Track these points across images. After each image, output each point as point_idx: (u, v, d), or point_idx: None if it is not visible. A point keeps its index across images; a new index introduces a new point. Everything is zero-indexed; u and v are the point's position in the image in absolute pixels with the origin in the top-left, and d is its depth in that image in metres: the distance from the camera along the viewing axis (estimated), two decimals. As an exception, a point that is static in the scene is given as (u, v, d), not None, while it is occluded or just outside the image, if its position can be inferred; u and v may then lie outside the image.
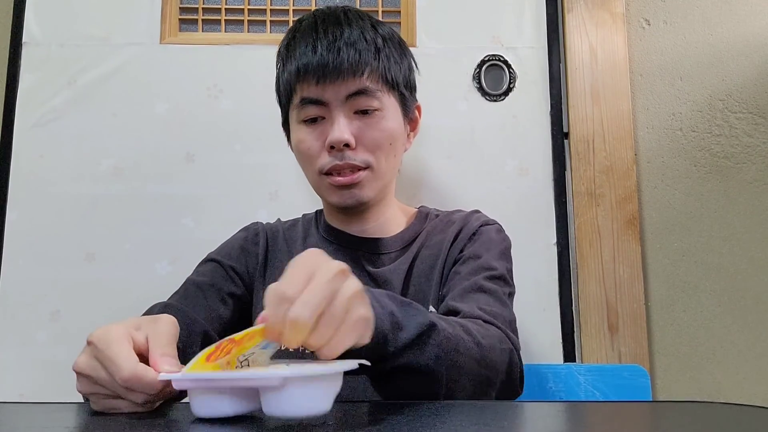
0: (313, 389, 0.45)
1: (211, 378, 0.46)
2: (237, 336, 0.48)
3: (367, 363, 0.50)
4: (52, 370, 1.11)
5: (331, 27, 0.83)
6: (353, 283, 0.50)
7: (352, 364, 0.48)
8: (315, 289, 0.47)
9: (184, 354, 0.78)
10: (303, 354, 0.56)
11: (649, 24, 1.27)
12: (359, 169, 0.84)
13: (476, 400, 0.64)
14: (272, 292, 0.47)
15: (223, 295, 0.87)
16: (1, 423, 0.49)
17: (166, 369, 0.51)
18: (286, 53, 0.87)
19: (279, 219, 1.00)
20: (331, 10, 0.87)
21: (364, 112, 0.84)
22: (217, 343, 0.47)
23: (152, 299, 1.13)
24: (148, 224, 1.16)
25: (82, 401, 0.59)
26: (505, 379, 0.69)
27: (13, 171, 1.17)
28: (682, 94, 1.25)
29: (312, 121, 0.85)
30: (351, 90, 0.82)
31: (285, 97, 0.89)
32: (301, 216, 1.00)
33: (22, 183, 1.16)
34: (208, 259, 0.91)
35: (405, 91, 0.89)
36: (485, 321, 0.74)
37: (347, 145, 0.82)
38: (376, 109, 0.84)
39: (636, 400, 0.93)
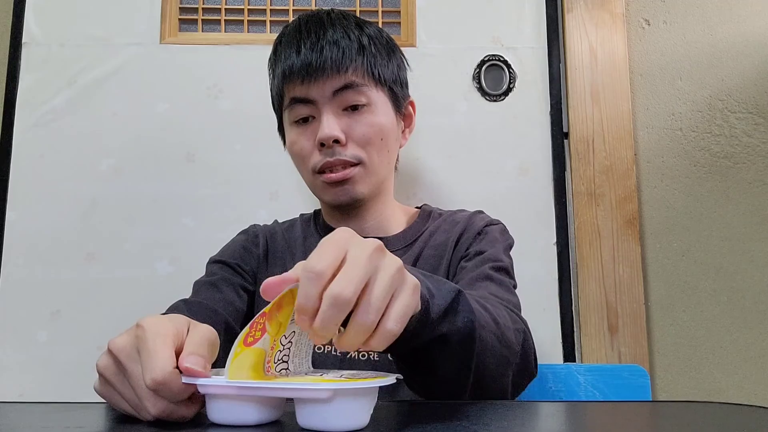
0: (359, 402, 0.44)
1: (257, 387, 0.44)
2: (267, 309, 0.45)
3: (401, 377, 0.47)
4: (52, 370, 1.11)
5: (314, 28, 0.85)
6: (394, 259, 0.46)
7: (391, 380, 0.46)
8: (356, 264, 0.42)
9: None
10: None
11: (649, 24, 1.27)
12: (351, 164, 0.84)
13: (496, 382, 0.62)
14: (303, 267, 0.42)
15: (237, 288, 0.88)
16: (1, 423, 0.49)
17: (191, 361, 0.46)
18: (274, 59, 0.89)
19: (276, 220, 1.00)
20: (314, 13, 0.89)
21: (353, 108, 0.84)
22: (250, 323, 0.45)
23: (152, 299, 1.14)
24: (148, 224, 1.16)
25: (83, 402, 0.59)
26: (520, 361, 0.67)
27: (13, 171, 1.17)
28: (682, 94, 1.25)
29: (303, 121, 0.86)
30: (336, 86, 0.83)
31: (277, 101, 0.91)
32: (298, 216, 1.00)
33: (22, 183, 1.16)
34: (213, 261, 0.92)
35: (395, 88, 0.89)
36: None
37: (337, 142, 0.83)
38: (364, 104, 0.84)
39: (636, 400, 0.93)
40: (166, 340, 0.47)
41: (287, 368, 0.49)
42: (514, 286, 0.85)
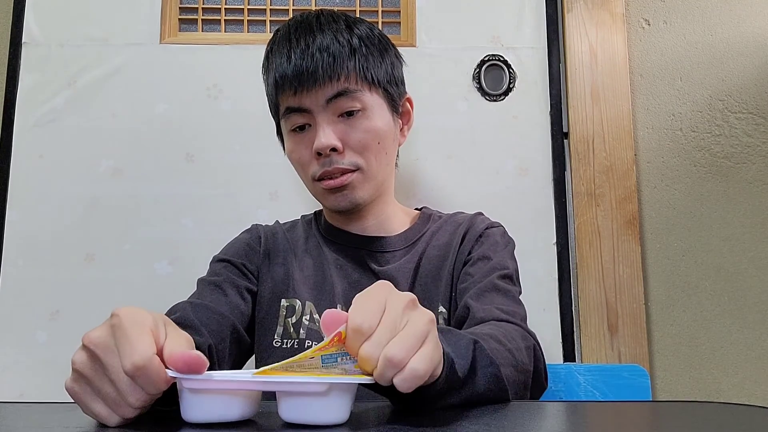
0: (345, 396, 0.45)
1: (266, 381, 0.44)
2: (343, 331, 0.46)
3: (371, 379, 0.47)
4: (52, 370, 1.11)
5: (303, 35, 0.83)
6: (423, 314, 0.49)
7: (369, 378, 0.46)
8: (386, 326, 0.47)
9: (217, 350, 0.78)
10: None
11: (649, 24, 1.27)
12: (349, 171, 0.84)
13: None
14: (349, 324, 0.46)
15: (241, 291, 0.87)
16: (1, 423, 0.49)
17: (189, 357, 0.45)
18: (266, 65, 0.88)
19: (277, 221, 1.00)
20: (303, 17, 0.87)
21: (348, 114, 0.83)
22: (331, 336, 0.46)
23: (152, 299, 1.13)
24: (148, 224, 1.16)
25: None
26: (534, 378, 0.69)
27: (13, 171, 1.16)
28: (682, 94, 1.25)
29: (300, 129, 0.85)
30: (329, 94, 0.82)
31: (273, 108, 0.90)
32: (299, 217, 1.00)
33: (22, 183, 1.16)
34: (218, 260, 0.91)
35: (390, 87, 0.88)
36: (502, 320, 0.74)
37: (334, 150, 0.82)
38: (359, 110, 0.83)
39: (636, 400, 0.93)
40: (144, 328, 0.46)
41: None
42: (519, 293, 0.86)
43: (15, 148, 1.17)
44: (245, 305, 0.87)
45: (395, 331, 0.47)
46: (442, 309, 0.85)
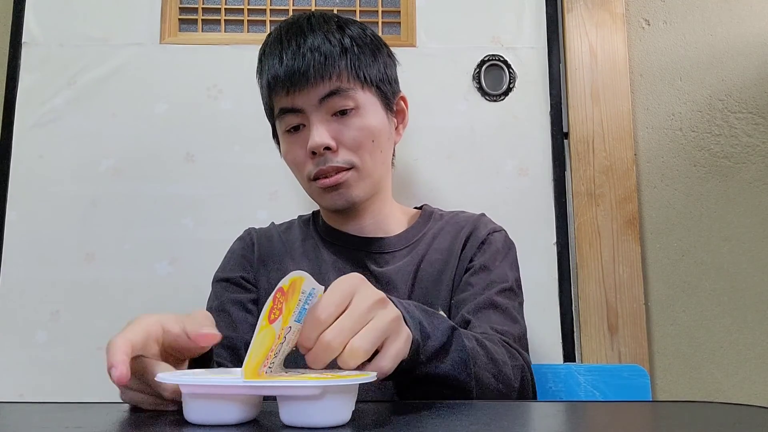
0: (343, 399, 0.45)
1: (245, 386, 0.45)
2: (284, 285, 0.47)
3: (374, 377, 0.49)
4: (52, 370, 1.11)
5: (294, 36, 0.84)
6: (391, 312, 0.52)
7: (371, 376, 0.47)
8: (353, 315, 0.49)
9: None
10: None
11: (649, 24, 1.27)
12: (344, 169, 0.84)
13: None
14: (309, 312, 0.49)
15: (245, 304, 0.88)
16: (1, 423, 0.49)
17: (206, 330, 0.52)
18: (260, 68, 0.89)
19: (273, 223, 1.00)
20: (295, 19, 0.88)
21: (342, 113, 0.84)
22: (272, 296, 0.46)
23: (152, 299, 1.13)
24: (148, 224, 1.16)
25: (82, 402, 0.59)
26: (519, 396, 0.69)
27: (13, 171, 1.16)
28: (682, 94, 1.25)
29: (294, 130, 0.86)
30: (322, 93, 0.82)
31: (268, 110, 0.91)
32: (296, 218, 1.00)
33: (22, 183, 1.16)
34: (217, 280, 0.92)
35: (383, 86, 0.88)
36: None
37: (328, 149, 0.83)
38: (352, 108, 0.84)
39: (636, 400, 0.93)
40: (134, 328, 0.52)
41: (270, 367, 0.49)
42: (521, 303, 0.86)
43: (15, 148, 1.17)
44: (252, 317, 0.88)
45: (359, 323, 0.49)
46: (441, 313, 0.85)
